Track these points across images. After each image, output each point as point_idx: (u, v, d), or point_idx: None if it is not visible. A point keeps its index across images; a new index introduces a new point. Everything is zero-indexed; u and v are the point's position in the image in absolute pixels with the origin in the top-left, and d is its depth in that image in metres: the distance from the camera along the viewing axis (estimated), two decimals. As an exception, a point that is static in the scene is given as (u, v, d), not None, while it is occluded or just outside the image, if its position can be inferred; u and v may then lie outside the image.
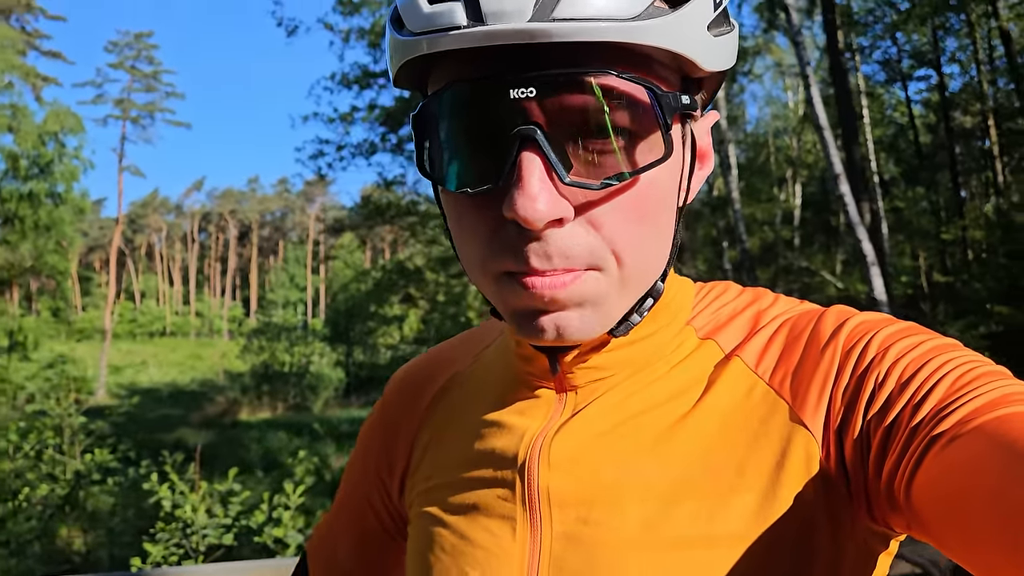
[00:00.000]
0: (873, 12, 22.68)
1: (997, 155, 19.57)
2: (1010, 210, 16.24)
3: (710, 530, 0.57)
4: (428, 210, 14.37)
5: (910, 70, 23.83)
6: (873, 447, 0.55)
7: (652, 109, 0.53)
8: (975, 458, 0.46)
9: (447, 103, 0.54)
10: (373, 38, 13.17)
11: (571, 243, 0.54)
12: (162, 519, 4.66)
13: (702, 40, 0.55)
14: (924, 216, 21.60)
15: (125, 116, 43.20)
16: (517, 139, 0.51)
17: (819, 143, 9.07)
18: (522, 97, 0.51)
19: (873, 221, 13.02)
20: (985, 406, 0.50)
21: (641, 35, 0.50)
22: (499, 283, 0.57)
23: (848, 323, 0.62)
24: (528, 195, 0.51)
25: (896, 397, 0.54)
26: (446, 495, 0.71)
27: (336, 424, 14.86)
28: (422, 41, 0.52)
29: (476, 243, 0.57)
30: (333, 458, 10.88)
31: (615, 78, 0.51)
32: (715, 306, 0.69)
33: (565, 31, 0.48)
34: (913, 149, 24.39)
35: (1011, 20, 15.88)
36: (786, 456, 0.57)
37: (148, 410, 19.16)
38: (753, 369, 0.63)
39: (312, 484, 5.86)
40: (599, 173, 0.53)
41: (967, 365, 0.54)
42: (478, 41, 0.49)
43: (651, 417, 0.63)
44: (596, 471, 0.62)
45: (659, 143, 0.54)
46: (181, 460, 5.33)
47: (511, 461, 0.66)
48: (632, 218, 0.55)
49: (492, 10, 0.49)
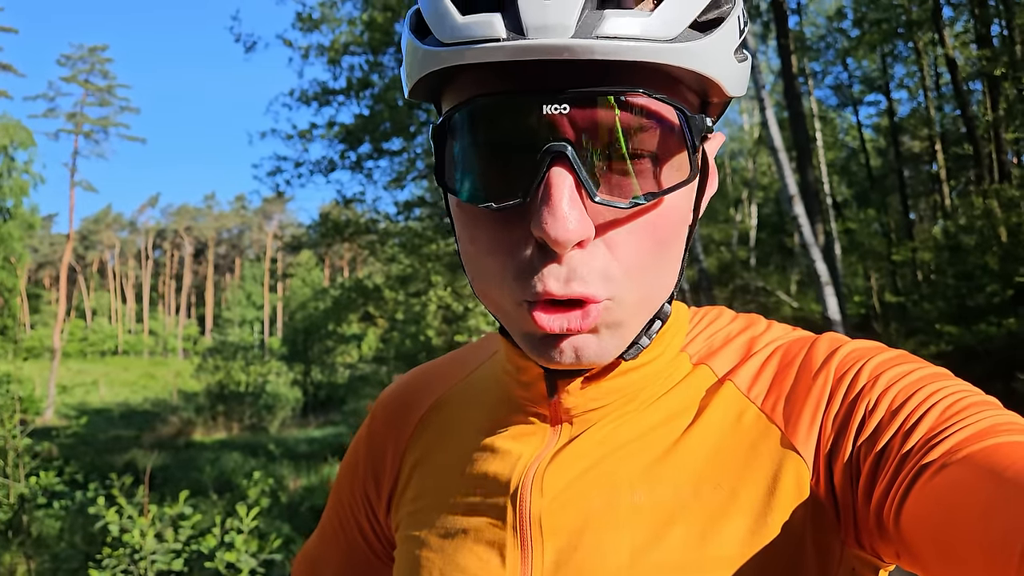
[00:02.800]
0: (825, 38, 23.28)
1: (944, 179, 20.16)
2: (957, 233, 16.68)
3: (701, 554, 0.57)
4: (388, 228, 14.31)
5: (861, 95, 24.51)
6: (863, 473, 0.55)
7: (681, 130, 0.53)
8: (963, 486, 0.46)
9: (475, 115, 0.53)
10: (333, 55, 13.10)
11: (590, 267, 0.53)
12: (109, 544, 4.53)
13: (729, 65, 0.55)
14: (876, 238, 22.12)
15: (78, 130, 42.38)
16: (548, 155, 0.51)
17: (774, 165, 9.24)
18: (555, 113, 0.50)
19: (827, 242, 13.29)
20: (974, 436, 0.50)
21: (677, 57, 0.50)
22: (519, 308, 0.56)
23: (840, 350, 0.62)
24: (558, 215, 0.50)
25: (886, 424, 0.55)
26: (434, 519, 0.69)
27: (293, 445, 14.65)
28: (463, 51, 0.51)
29: (495, 261, 0.56)
30: (289, 480, 10.70)
31: (648, 98, 0.51)
32: (709, 331, 0.70)
33: (607, 49, 0.48)
34: (864, 172, 25.01)
35: (956, 48, 16.41)
36: (778, 480, 0.57)
37: (98, 431, 18.68)
38: (745, 394, 0.63)
39: (267, 507, 5.74)
40: (627, 192, 0.53)
41: (957, 394, 0.54)
42: (523, 55, 0.49)
43: (643, 443, 0.63)
44: (587, 499, 0.62)
45: (685, 164, 0.54)
46: (130, 483, 5.19)
47: (503, 488, 0.65)
48: (649, 241, 0.55)
49: (535, 24, 0.48)
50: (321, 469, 11.50)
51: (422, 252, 13.33)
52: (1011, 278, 13.35)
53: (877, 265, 21.89)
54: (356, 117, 13.45)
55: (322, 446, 14.04)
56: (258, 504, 4.74)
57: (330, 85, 13.56)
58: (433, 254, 13.23)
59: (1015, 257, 13.94)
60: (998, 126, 14.54)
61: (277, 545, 4.44)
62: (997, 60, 13.42)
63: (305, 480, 10.71)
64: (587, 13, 0.49)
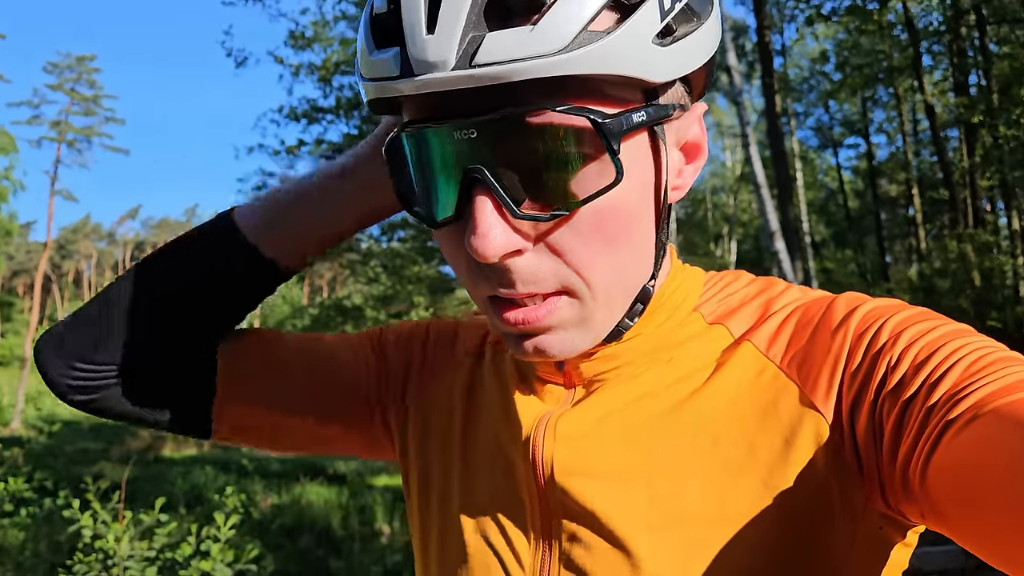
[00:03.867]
0: (808, 80, 23.71)
1: (920, 223, 20.48)
2: (932, 275, 16.94)
3: (720, 508, 0.58)
4: (370, 247, 14.28)
5: (841, 137, 24.94)
6: (887, 430, 0.54)
7: (596, 137, 0.52)
8: (990, 441, 0.46)
9: (404, 144, 0.57)
10: (324, 73, 13.14)
11: (534, 270, 0.56)
12: (81, 550, 4.45)
13: (646, 54, 0.53)
14: (852, 277, 22.39)
15: (61, 139, 42.00)
16: (467, 178, 0.54)
17: (756, 201, 9.38)
18: (465, 138, 0.53)
19: (805, 280, 13.42)
20: (1000, 391, 0.49)
21: (568, 67, 0.50)
22: (486, 305, 0.60)
23: (860, 309, 0.61)
24: (479, 233, 0.53)
25: (910, 380, 0.54)
26: (453, 459, 0.75)
27: (266, 462, 14.45)
28: (371, 87, 0.55)
29: (459, 268, 0.60)
30: (260, 496, 10.56)
31: (552, 113, 0.51)
32: (724, 294, 0.70)
33: (490, 75, 0.49)
34: (842, 213, 25.38)
35: (935, 95, 16.78)
36: (795, 436, 0.58)
37: (66, 442, 18.33)
38: (764, 353, 0.63)
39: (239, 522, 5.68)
40: (548, 205, 0.54)
41: (982, 350, 0.53)
42: (412, 90, 0.52)
43: (660, 397, 0.64)
44: (603, 447, 0.64)
45: (608, 167, 0.53)
46: (105, 487, 5.12)
47: (518, 433, 0.69)
48: (595, 242, 0.56)
49: (418, 59, 0.51)
50: (293, 488, 11.35)
51: (404, 273, 13.33)
52: (984, 321, 13.57)
53: (853, 305, 22.08)
54: (344, 136, 13.47)
55: (295, 465, 13.84)
56: (233, 515, 4.68)
57: (320, 103, 13.58)
58: (415, 276, 13.24)
59: (988, 301, 14.20)
60: (974, 172, 14.87)
61: (253, 555, 4.39)
62: (974, 108, 13.73)
63: (276, 498, 10.57)
64: (469, 39, 0.50)
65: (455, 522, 0.71)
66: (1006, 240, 15.74)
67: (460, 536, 0.70)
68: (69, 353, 0.78)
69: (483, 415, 0.76)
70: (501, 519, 0.68)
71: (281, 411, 0.82)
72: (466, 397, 0.78)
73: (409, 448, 0.82)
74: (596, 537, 0.61)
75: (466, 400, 0.78)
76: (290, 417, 0.83)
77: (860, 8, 12.90)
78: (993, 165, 13.62)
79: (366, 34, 0.57)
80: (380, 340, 0.87)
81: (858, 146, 25.52)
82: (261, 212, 0.80)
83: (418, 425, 0.81)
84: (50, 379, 0.79)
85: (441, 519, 0.74)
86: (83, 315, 0.80)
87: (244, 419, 0.82)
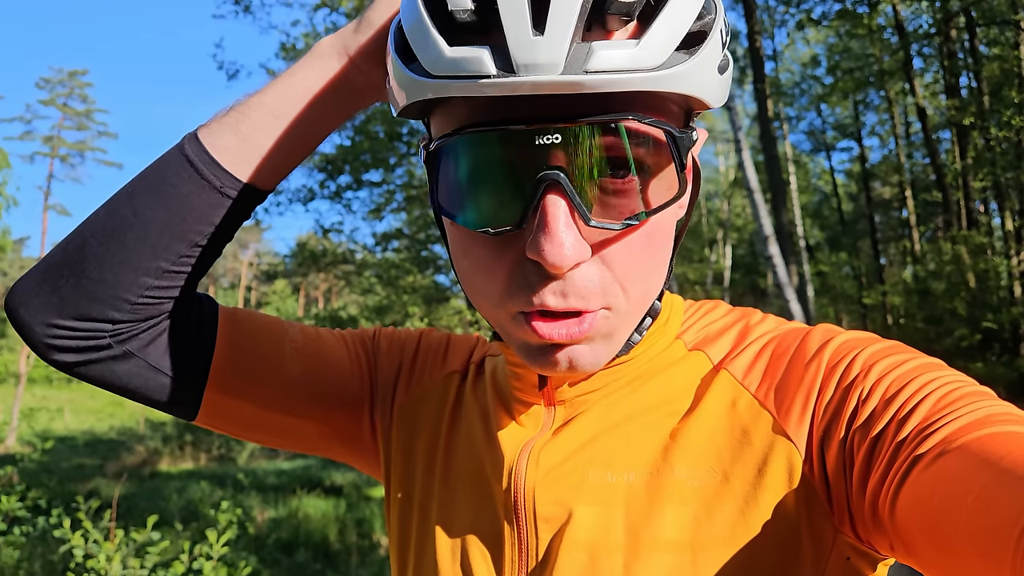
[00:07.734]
0: (799, 84, 23.79)
1: (914, 225, 20.56)
2: (927, 277, 16.98)
3: (694, 535, 0.59)
4: (365, 259, 14.28)
5: (833, 141, 25.03)
6: (857, 462, 0.55)
7: (669, 149, 0.54)
8: (958, 476, 0.46)
9: (469, 145, 0.55)
10: (316, 86, 13.13)
11: (587, 283, 0.55)
12: (72, 570, 4.42)
13: (712, 80, 0.56)
14: (847, 281, 22.45)
15: (54, 154, 41.99)
16: (542, 183, 0.52)
17: (750, 206, 9.38)
18: (548, 143, 0.52)
19: (799, 284, 13.44)
20: (968, 426, 0.50)
21: (664, 83, 0.52)
22: (515, 320, 0.58)
23: (833, 341, 0.63)
24: (555, 240, 0.52)
25: (880, 413, 0.55)
26: (434, 484, 0.75)
27: (262, 476, 14.38)
28: (450, 85, 0.52)
29: (492, 280, 0.58)
30: (257, 511, 10.50)
31: (636, 122, 0.52)
32: (704, 322, 0.71)
33: (597, 83, 0.49)
34: (836, 216, 25.44)
35: (926, 98, 16.85)
36: (767, 465, 0.59)
37: (62, 459, 18.24)
38: (740, 381, 0.64)
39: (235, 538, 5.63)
40: (619, 214, 0.54)
41: (951, 384, 0.55)
42: (513, 91, 0.50)
43: (638, 424, 0.65)
44: (583, 475, 0.64)
45: (674, 180, 0.56)
46: (96, 507, 5.07)
47: (500, 462, 0.69)
48: (641, 253, 0.57)
49: (524, 62, 0.50)
50: (290, 502, 11.29)
51: (399, 284, 13.31)
52: (979, 323, 13.60)
53: (848, 308, 22.19)
54: (337, 147, 13.47)
55: (291, 479, 13.76)
56: (228, 531, 4.64)
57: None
58: (410, 286, 13.22)
59: (983, 302, 14.22)
60: (966, 174, 14.91)
61: (247, 572, 4.35)
62: (965, 110, 13.80)
63: (273, 512, 10.51)
64: (575, 47, 0.50)
65: (432, 550, 0.71)
66: (1000, 241, 15.80)
67: (436, 566, 0.70)
68: (50, 307, 0.70)
69: (465, 441, 0.75)
70: (480, 547, 0.68)
71: (271, 408, 0.80)
72: (451, 419, 0.78)
73: (393, 461, 0.81)
74: (575, 565, 0.61)
75: (450, 422, 0.78)
76: (278, 414, 0.81)
77: (850, 12, 12.97)
78: (985, 167, 13.68)
79: (430, 28, 0.53)
80: (374, 340, 0.87)
81: (851, 149, 25.65)
82: (232, 136, 0.73)
83: (402, 440, 0.81)
84: (31, 336, 0.71)
85: (419, 546, 0.74)
86: (57, 261, 0.72)
87: (231, 411, 0.80)
